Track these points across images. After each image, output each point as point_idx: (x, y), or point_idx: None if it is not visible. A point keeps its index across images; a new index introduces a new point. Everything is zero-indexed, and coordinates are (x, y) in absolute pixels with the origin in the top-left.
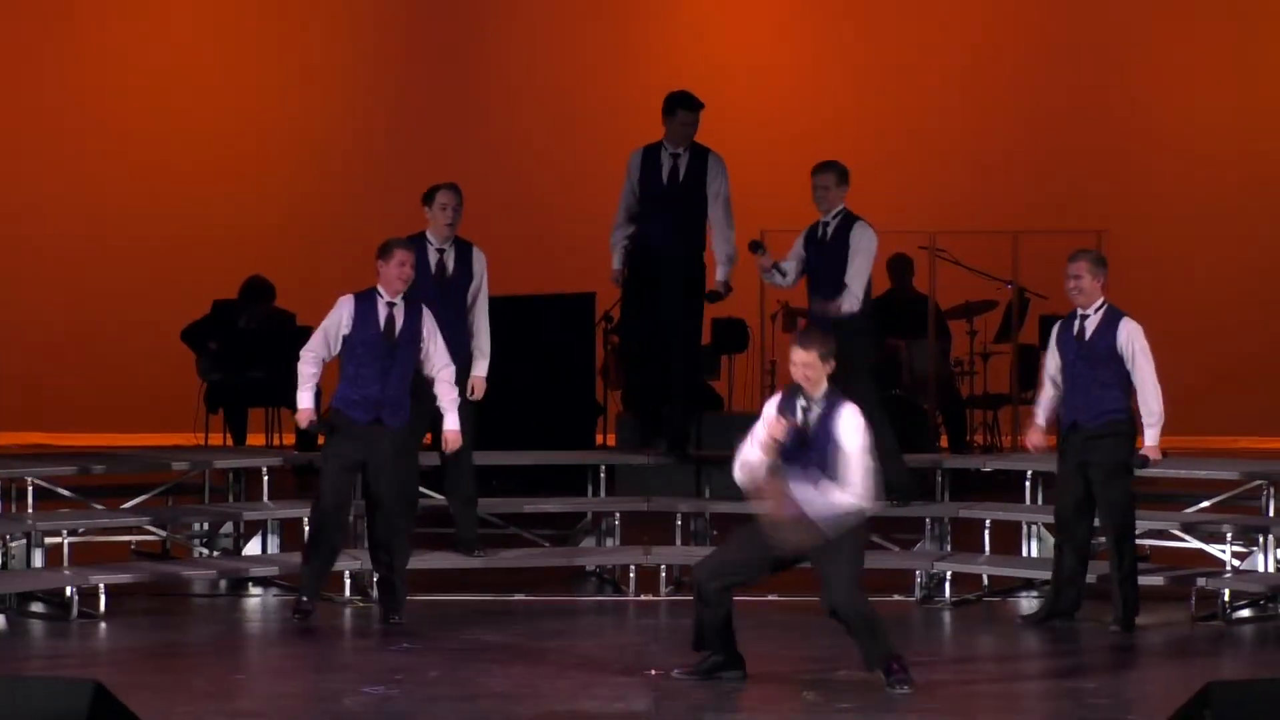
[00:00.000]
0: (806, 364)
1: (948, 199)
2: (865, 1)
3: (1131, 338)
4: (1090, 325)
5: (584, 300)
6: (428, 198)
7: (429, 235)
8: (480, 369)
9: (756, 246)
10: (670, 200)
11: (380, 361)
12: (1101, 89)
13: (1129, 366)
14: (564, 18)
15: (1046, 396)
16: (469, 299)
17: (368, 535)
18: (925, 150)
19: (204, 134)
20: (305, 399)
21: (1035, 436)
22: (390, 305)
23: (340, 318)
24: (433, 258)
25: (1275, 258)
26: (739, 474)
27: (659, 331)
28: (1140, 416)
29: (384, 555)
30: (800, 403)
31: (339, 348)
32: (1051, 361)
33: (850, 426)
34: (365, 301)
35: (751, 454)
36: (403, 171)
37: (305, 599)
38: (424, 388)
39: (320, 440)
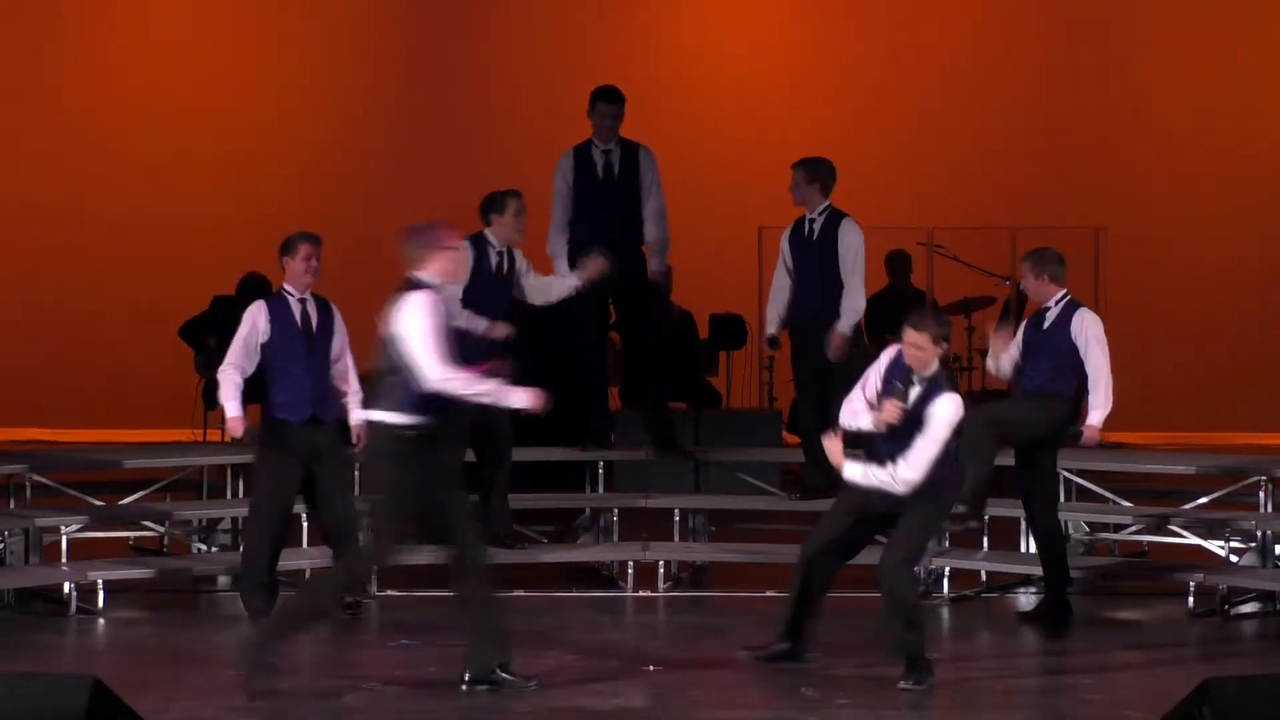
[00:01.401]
0: (918, 345)
1: (946, 196)
2: (865, 5)
3: (1085, 326)
4: (1049, 318)
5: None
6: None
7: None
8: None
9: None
10: (608, 196)
11: (306, 358)
12: (1099, 88)
13: (1082, 355)
14: (565, 18)
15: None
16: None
17: (322, 531)
18: (923, 148)
19: (203, 133)
20: (236, 408)
21: None
22: (302, 301)
23: (257, 324)
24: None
25: (1271, 254)
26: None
27: (631, 323)
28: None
29: (339, 549)
30: (900, 382)
31: (259, 356)
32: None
33: (943, 414)
34: (277, 303)
35: (862, 422)
36: (401, 171)
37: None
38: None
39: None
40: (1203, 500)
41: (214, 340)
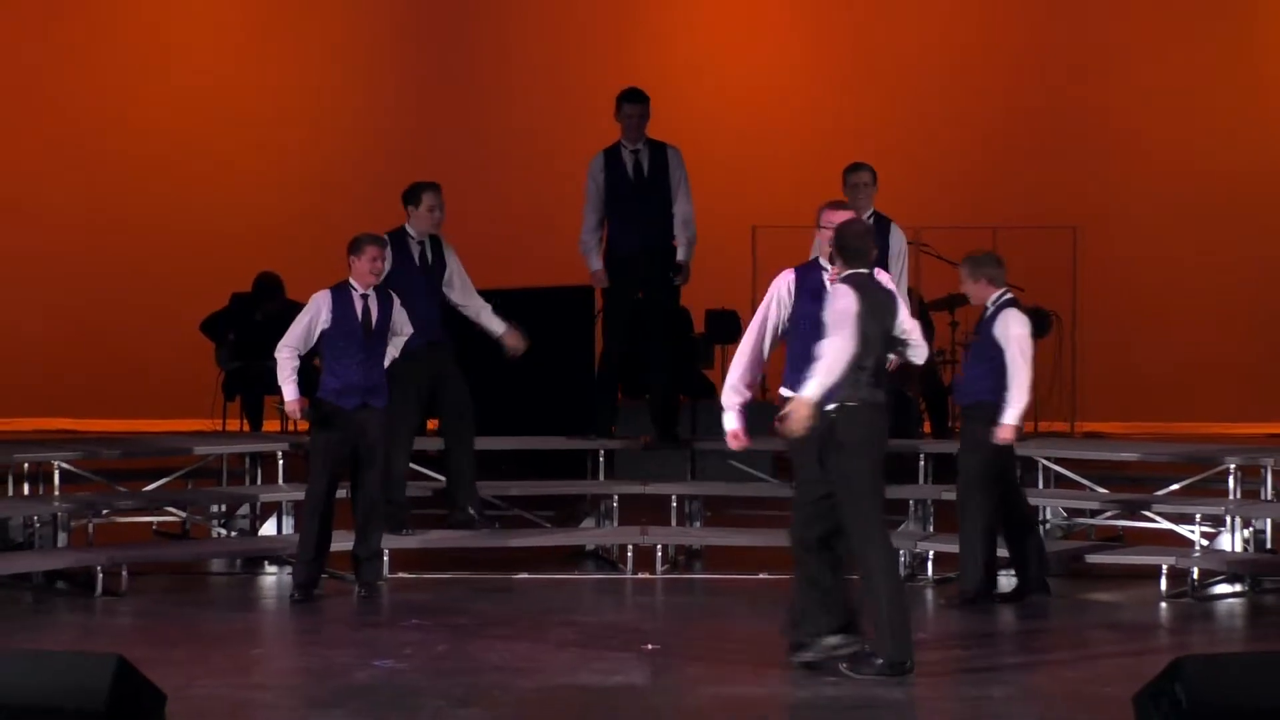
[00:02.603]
0: None
1: (931, 197)
2: (854, 10)
3: (1007, 325)
4: (986, 319)
5: (584, 293)
6: (412, 196)
7: (409, 229)
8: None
9: None
10: (638, 195)
11: (361, 350)
12: (1075, 96)
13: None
14: (566, 21)
15: None
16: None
17: (354, 513)
18: (910, 151)
19: (222, 141)
20: (293, 390)
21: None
22: (364, 297)
23: (320, 313)
24: (414, 250)
25: (1241, 253)
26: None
27: (643, 323)
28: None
29: (360, 534)
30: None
31: (314, 342)
32: None
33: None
34: (341, 295)
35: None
36: (408, 174)
37: (299, 593)
38: (410, 375)
39: (305, 427)
40: (1175, 487)
41: (232, 335)
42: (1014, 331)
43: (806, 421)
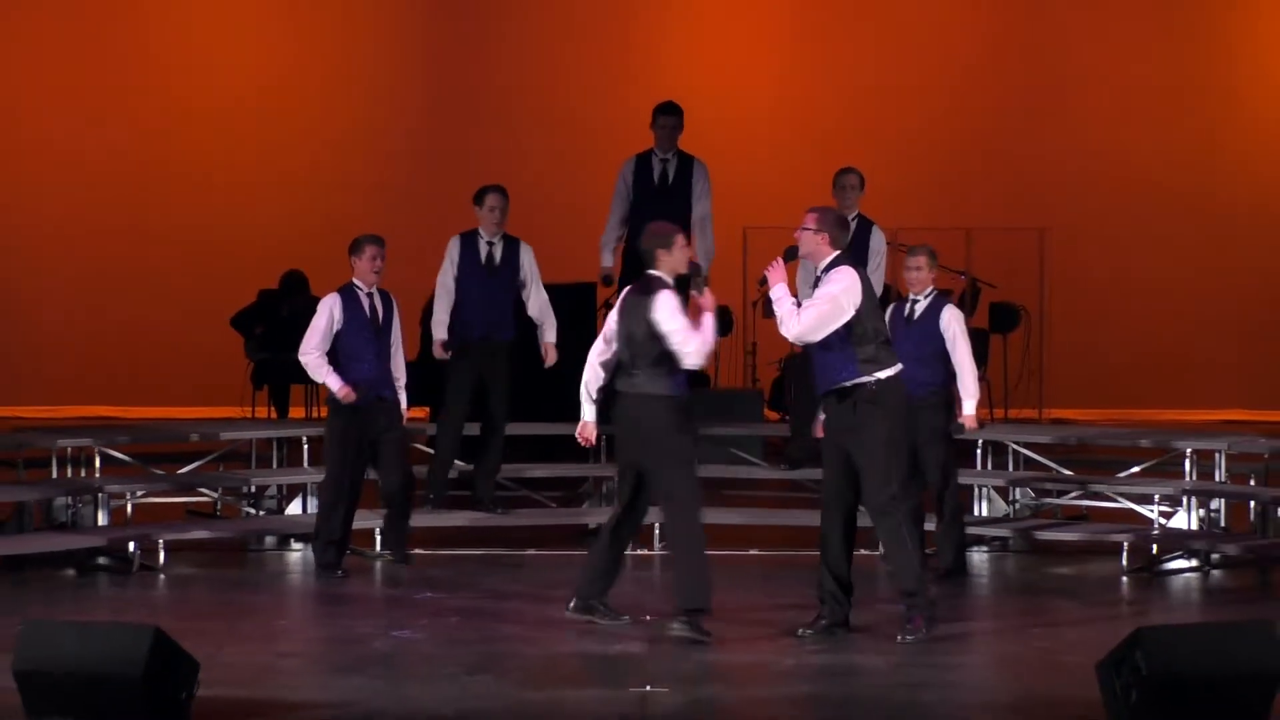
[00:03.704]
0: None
1: (909, 199)
2: (839, 23)
3: (951, 321)
4: (919, 309)
5: (586, 290)
6: (478, 198)
7: (479, 231)
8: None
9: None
10: (662, 200)
11: (371, 345)
12: (1045, 105)
13: (949, 347)
14: (563, 25)
15: None
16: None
17: (382, 492)
18: (889, 156)
19: (252, 145)
20: (336, 380)
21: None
22: (369, 295)
23: (333, 314)
24: (482, 250)
25: (1195, 255)
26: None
27: None
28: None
29: (390, 509)
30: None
31: (332, 340)
32: None
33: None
34: (348, 295)
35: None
36: (425, 176)
37: (323, 570)
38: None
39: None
40: (1135, 469)
41: (260, 329)
42: (960, 327)
43: None
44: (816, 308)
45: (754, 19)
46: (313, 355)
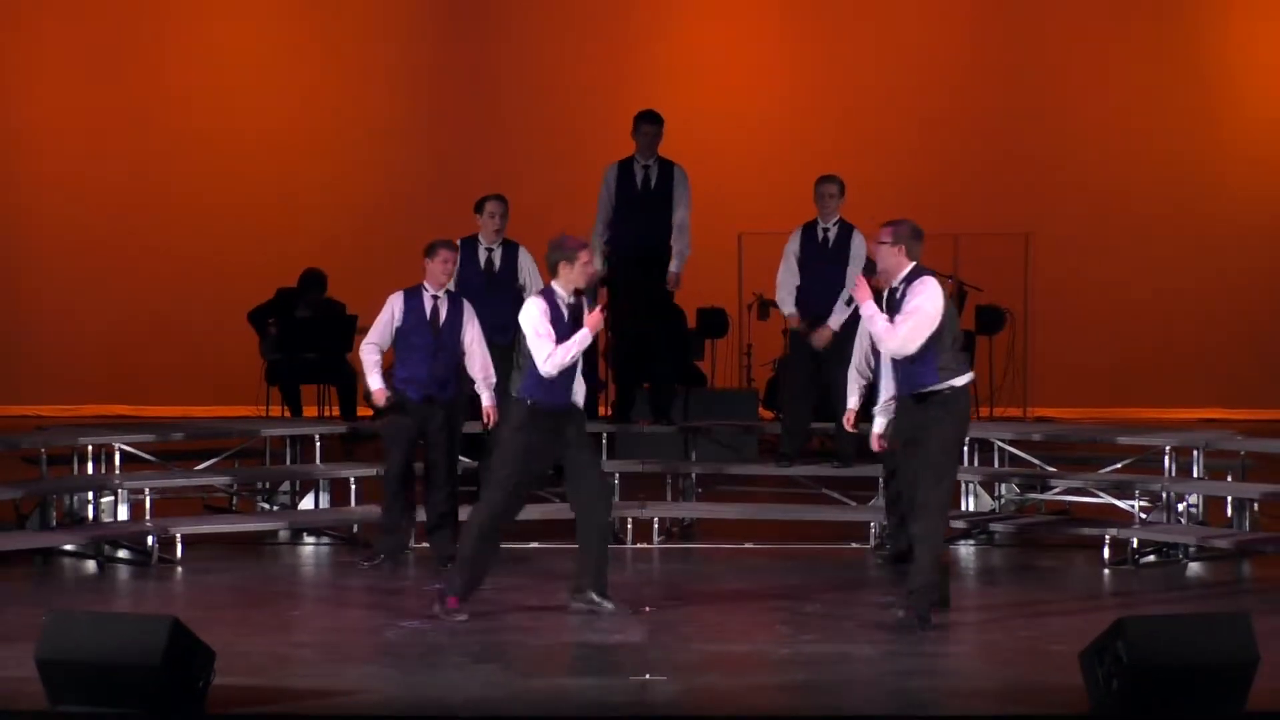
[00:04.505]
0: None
1: (897, 204)
2: (827, 31)
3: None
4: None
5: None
6: (478, 206)
7: (479, 238)
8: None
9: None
10: (644, 205)
11: (429, 346)
12: (1031, 115)
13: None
14: (554, 34)
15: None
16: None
17: (425, 493)
18: (880, 162)
19: (271, 145)
20: (378, 381)
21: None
22: (435, 298)
23: (394, 312)
24: (482, 256)
25: (1178, 258)
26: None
27: (644, 318)
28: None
29: (434, 510)
30: None
31: (392, 337)
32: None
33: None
34: (413, 296)
35: None
36: (440, 179)
37: (382, 557)
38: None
39: (385, 415)
40: (1117, 466)
41: (274, 327)
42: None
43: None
44: (912, 320)
45: (748, 27)
46: (366, 350)
